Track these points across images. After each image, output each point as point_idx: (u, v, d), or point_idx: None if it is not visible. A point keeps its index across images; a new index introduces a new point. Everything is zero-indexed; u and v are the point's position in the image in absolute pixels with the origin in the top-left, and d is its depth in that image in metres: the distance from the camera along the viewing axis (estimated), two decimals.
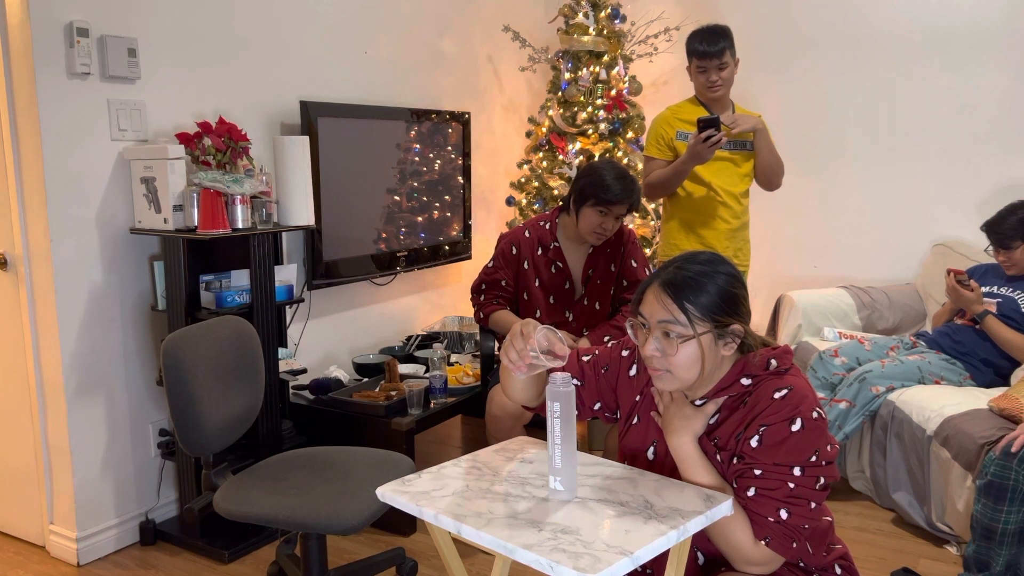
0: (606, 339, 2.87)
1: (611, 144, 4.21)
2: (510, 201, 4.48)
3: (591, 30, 4.23)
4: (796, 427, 1.47)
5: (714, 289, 1.50)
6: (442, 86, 4.21)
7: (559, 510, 1.45)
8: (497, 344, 3.15)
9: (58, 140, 2.63)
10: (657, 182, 3.14)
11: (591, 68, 4.23)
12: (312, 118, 3.29)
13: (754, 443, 1.49)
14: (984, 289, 3.18)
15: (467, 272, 4.48)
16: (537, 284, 2.96)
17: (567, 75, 4.26)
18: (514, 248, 2.98)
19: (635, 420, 1.69)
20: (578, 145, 4.23)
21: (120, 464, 2.89)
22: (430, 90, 4.13)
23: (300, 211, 2.96)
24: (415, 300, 4.20)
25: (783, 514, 1.47)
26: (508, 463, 1.67)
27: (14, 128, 2.66)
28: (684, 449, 1.55)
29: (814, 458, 1.48)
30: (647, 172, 3.21)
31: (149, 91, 2.87)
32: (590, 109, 4.22)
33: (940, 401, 2.91)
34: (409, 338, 3.91)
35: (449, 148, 4.07)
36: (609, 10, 4.23)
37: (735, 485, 1.52)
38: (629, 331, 1.59)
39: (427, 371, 3.46)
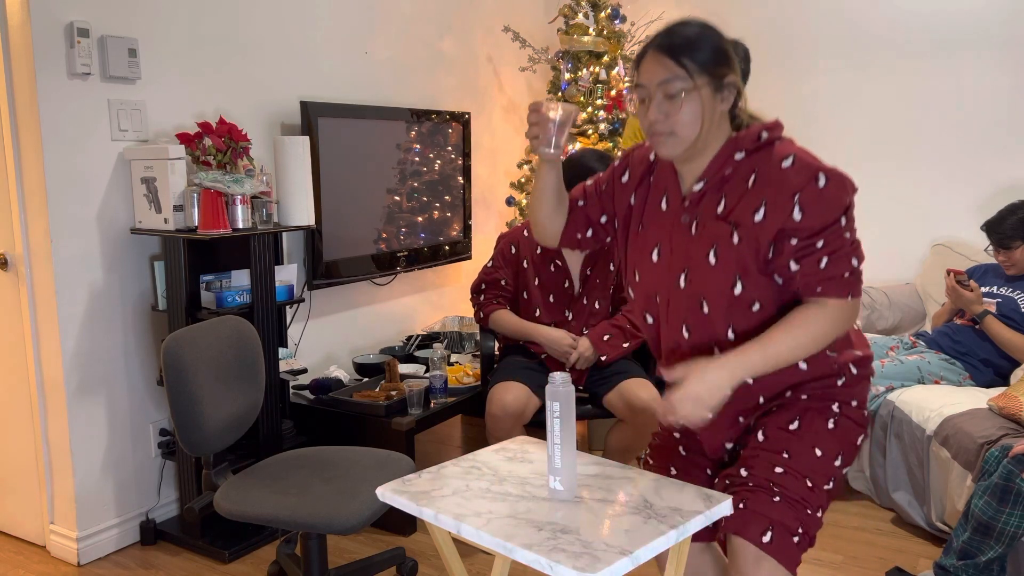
0: (606, 337, 2.87)
1: (611, 144, 4.22)
2: (510, 201, 4.48)
3: (591, 30, 4.23)
4: (822, 182, 1.51)
5: (708, 45, 1.56)
6: (442, 86, 4.21)
7: (559, 510, 1.45)
8: (497, 344, 3.15)
9: (59, 140, 2.63)
10: None
11: (591, 68, 4.23)
12: (312, 118, 3.29)
13: (797, 216, 1.52)
14: (984, 289, 3.18)
15: (467, 272, 4.48)
16: (536, 283, 2.96)
17: (567, 75, 4.26)
18: (513, 248, 2.99)
19: (639, 228, 1.72)
20: (578, 145, 4.24)
21: (120, 464, 2.90)
22: (430, 90, 4.13)
23: (300, 211, 2.96)
24: (415, 300, 4.20)
25: (854, 262, 1.53)
26: (508, 463, 1.68)
27: (14, 128, 2.66)
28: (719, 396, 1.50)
29: (844, 220, 1.52)
30: None
31: (149, 91, 2.87)
32: (590, 109, 4.22)
33: (940, 401, 2.91)
34: (409, 338, 3.91)
35: (449, 148, 4.07)
36: (609, 10, 4.24)
37: (799, 265, 1.53)
38: (629, 107, 1.65)
39: (427, 371, 3.46)
